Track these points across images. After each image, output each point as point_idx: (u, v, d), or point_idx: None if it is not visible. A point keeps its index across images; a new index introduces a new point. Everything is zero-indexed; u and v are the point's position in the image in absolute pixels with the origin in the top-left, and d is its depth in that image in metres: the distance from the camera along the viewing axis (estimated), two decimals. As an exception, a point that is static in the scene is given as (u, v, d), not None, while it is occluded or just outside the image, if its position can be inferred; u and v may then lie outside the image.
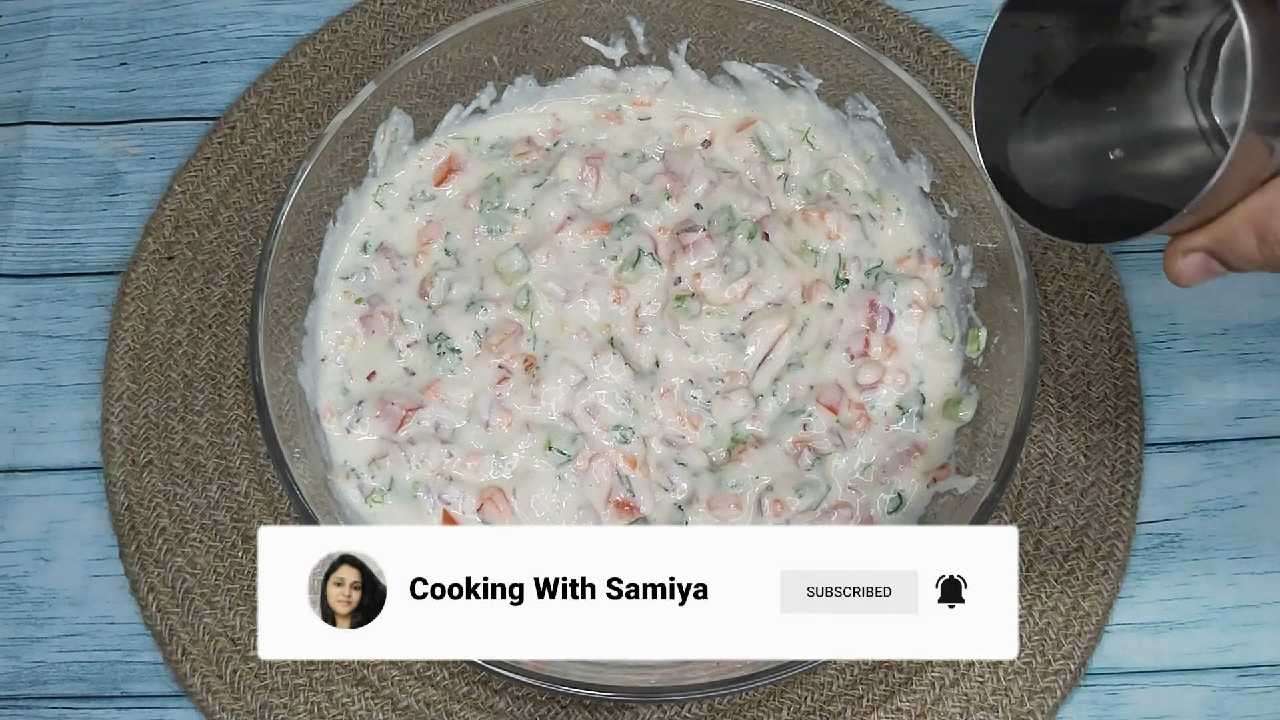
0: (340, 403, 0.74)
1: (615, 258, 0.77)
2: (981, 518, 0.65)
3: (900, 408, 0.75)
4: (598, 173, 0.79)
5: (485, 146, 0.82)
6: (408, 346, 0.76)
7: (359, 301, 0.77)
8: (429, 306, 0.77)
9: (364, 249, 0.79)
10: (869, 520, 0.72)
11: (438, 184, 0.81)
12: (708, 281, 0.76)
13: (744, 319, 0.76)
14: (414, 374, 0.75)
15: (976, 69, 0.59)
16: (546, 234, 0.78)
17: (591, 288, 0.76)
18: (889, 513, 0.72)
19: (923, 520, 0.71)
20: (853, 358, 0.75)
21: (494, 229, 0.79)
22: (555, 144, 0.83)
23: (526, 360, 0.75)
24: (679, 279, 0.77)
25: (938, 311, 0.76)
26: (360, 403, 0.74)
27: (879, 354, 0.75)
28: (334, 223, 0.77)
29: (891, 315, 0.76)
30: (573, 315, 0.76)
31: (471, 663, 0.60)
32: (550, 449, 0.72)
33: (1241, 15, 0.48)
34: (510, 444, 0.73)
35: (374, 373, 0.75)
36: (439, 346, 0.75)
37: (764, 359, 0.76)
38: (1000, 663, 0.74)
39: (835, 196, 0.80)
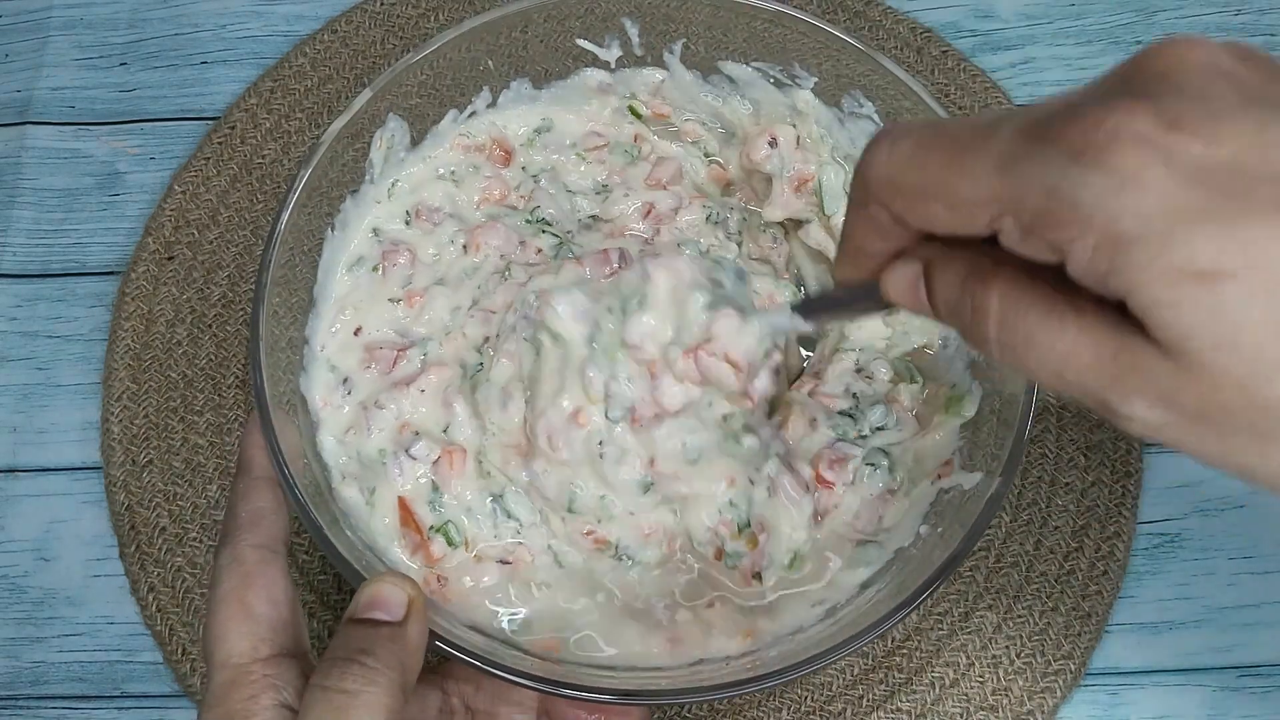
0: (330, 380, 0.70)
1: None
2: (987, 515, 0.64)
3: None
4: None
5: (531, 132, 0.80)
6: (404, 286, 0.71)
7: (375, 269, 0.73)
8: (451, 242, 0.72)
9: (374, 234, 0.75)
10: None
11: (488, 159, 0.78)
12: None
13: None
14: (399, 301, 0.70)
15: None
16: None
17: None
18: None
19: (926, 517, 0.71)
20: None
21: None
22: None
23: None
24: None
25: None
26: (346, 379, 0.69)
27: None
28: (331, 230, 0.76)
29: None
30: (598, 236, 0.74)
31: (472, 663, 0.60)
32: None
33: None
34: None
35: (359, 329, 0.70)
36: (437, 253, 0.71)
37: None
38: (1000, 663, 0.74)
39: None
